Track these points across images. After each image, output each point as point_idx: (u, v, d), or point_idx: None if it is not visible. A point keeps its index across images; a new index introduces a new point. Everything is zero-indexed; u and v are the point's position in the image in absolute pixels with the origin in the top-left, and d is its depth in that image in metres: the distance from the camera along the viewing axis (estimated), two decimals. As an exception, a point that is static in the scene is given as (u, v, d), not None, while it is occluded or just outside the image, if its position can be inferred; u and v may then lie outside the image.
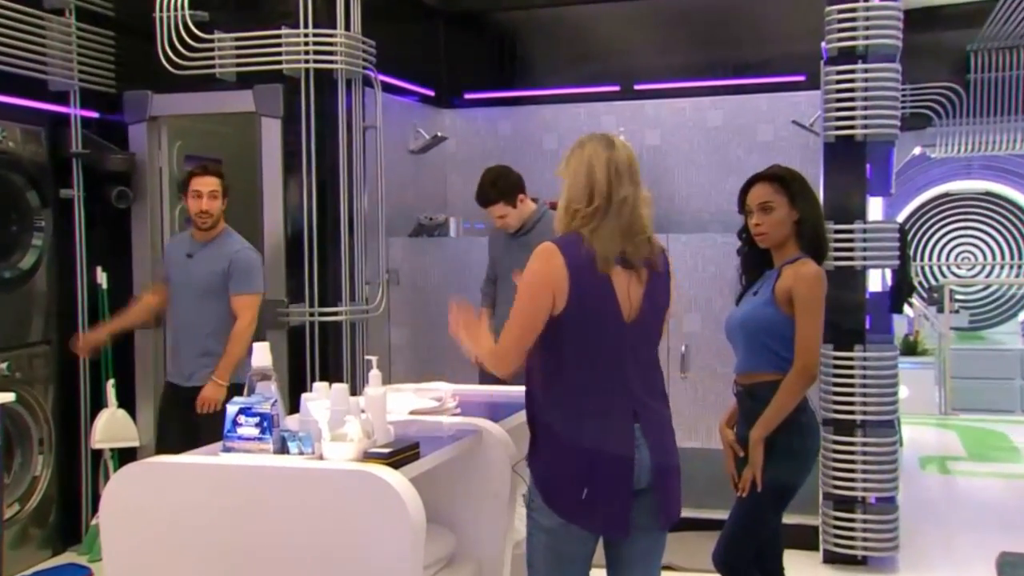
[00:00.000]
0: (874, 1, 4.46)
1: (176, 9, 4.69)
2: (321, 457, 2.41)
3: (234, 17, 4.81)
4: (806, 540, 4.76)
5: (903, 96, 4.89)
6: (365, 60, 4.85)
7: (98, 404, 4.87)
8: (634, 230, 2.51)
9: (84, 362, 4.90)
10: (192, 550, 2.40)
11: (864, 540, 4.56)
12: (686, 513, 2.70)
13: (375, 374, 2.67)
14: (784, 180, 3.10)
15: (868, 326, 4.58)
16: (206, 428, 4.16)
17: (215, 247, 4.28)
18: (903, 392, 4.87)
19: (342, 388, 2.56)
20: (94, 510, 4.81)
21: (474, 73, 6.26)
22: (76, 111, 4.88)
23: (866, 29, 4.47)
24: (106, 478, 4.76)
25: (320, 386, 2.62)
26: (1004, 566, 3.34)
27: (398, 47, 5.42)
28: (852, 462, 4.54)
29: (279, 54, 4.69)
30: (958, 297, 11.10)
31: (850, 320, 4.58)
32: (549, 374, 2.51)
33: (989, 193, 11.26)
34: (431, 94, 6.04)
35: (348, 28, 4.74)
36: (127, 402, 4.89)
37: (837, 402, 4.56)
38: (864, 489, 4.55)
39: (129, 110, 5.06)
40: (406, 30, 5.92)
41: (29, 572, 4.16)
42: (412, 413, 3.00)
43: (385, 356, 5.32)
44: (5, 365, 4.47)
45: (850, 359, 4.53)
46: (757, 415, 3.04)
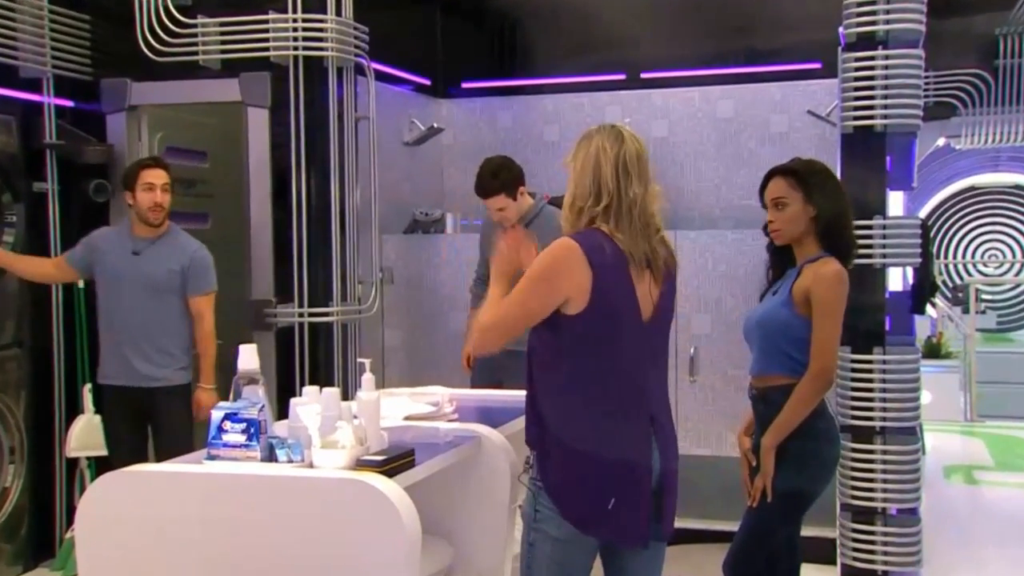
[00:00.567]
0: (896, -17, 4.47)
1: (157, -8, 4.70)
2: (311, 465, 2.42)
3: (219, 1, 4.81)
4: (823, 553, 4.76)
5: (926, 84, 4.90)
6: (357, 47, 4.86)
7: (74, 410, 4.87)
8: (651, 229, 2.54)
9: (59, 366, 4.91)
10: (175, 564, 2.40)
11: (884, 554, 4.55)
12: (693, 524, 2.72)
13: (368, 377, 2.67)
14: (798, 174, 3.11)
15: (888, 328, 4.58)
16: (166, 428, 4.22)
17: (166, 244, 4.30)
18: (926, 397, 4.87)
19: (333, 392, 2.57)
20: (69, 522, 4.81)
21: (472, 61, 6.27)
22: (50, 99, 4.88)
23: (887, 13, 4.46)
24: (82, 489, 4.76)
25: (310, 390, 2.63)
26: None
27: (392, 33, 5.43)
28: (871, 471, 4.54)
29: (266, 40, 4.68)
30: (984, 297, 11.13)
31: (869, 321, 4.57)
32: (566, 378, 2.52)
33: (1018, 187, 11.28)
34: (427, 83, 6.05)
35: (340, 13, 4.74)
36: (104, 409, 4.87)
37: (855, 408, 4.55)
38: (884, 500, 4.54)
39: (107, 99, 5.06)
40: (401, 16, 5.93)
41: (0, 588, 4.16)
42: (407, 419, 3.01)
43: (379, 359, 5.33)
44: (-26, 369, 4.48)
45: (869, 362, 4.53)
46: (770, 420, 3.06)
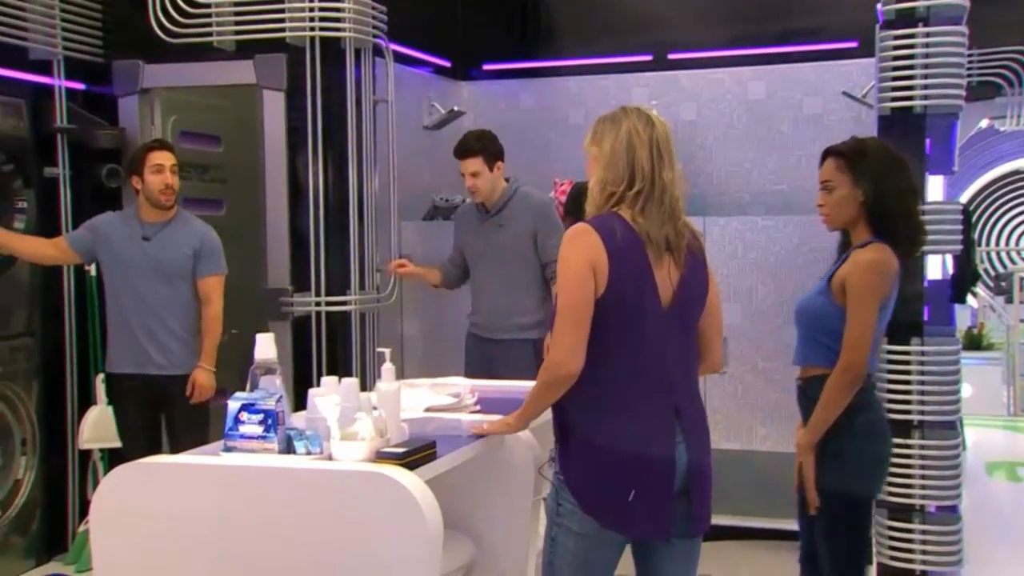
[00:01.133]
0: (937, -43, 4.43)
1: (170, -29, 4.72)
2: (330, 457, 2.43)
3: (233, -20, 4.83)
4: (858, 552, 4.76)
5: (969, 62, 4.84)
6: (376, 28, 4.86)
7: (86, 401, 4.91)
8: (676, 213, 2.56)
9: (71, 356, 4.95)
10: (191, 558, 2.42)
11: (923, 553, 4.53)
12: (725, 521, 2.73)
13: (388, 367, 2.68)
14: (846, 157, 3.07)
15: (927, 318, 4.55)
16: (181, 418, 4.25)
17: (178, 228, 4.34)
18: (966, 391, 4.85)
19: (352, 383, 2.58)
20: (82, 516, 4.87)
21: (493, 42, 6.26)
22: (60, 82, 4.91)
23: (928, -12, 4.43)
24: (95, 481, 4.81)
25: (329, 381, 2.64)
26: None
27: (412, 14, 5.42)
28: (909, 467, 4.52)
29: (282, 21, 4.69)
30: (1028, 286, 11.01)
31: (907, 311, 4.53)
32: (585, 368, 2.51)
33: (1065, 171, 11.15)
34: (447, 65, 6.05)
35: (357, -8, 4.75)
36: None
37: (892, 401, 4.53)
38: (923, 497, 4.53)
39: (118, 81, 5.09)
40: (420, -5, 5.92)
41: (12, 583, 4.22)
42: (428, 410, 3.02)
43: (397, 348, 5.34)
44: (-16, 359, 4.53)
45: (907, 354, 4.50)
46: (811, 414, 3.04)
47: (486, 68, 6.16)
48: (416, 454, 2.45)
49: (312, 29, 4.69)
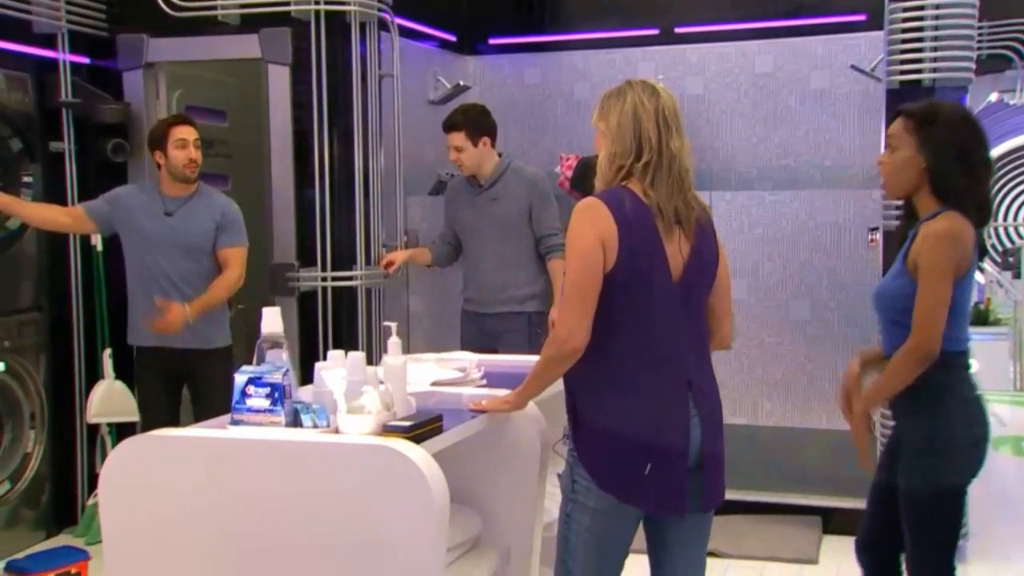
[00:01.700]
0: (946, -73, 4.39)
1: (174, -56, 4.70)
2: (337, 430, 2.44)
3: (237, -47, 4.81)
4: (863, 526, 4.77)
5: (979, 35, 4.81)
6: (381, 1, 4.83)
7: (94, 375, 4.93)
8: (685, 184, 2.55)
9: (78, 331, 4.97)
10: (199, 530, 2.43)
11: (927, 527, 4.55)
12: (730, 495, 2.72)
13: (394, 341, 2.68)
14: (916, 118, 2.83)
15: (934, 293, 4.55)
16: (206, 391, 4.25)
17: (200, 202, 4.33)
18: (973, 366, 4.82)
19: (359, 357, 2.57)
20: (91, 489, 4.90)
21: (499, 16, 6.22)
22: (64, 56, 4.89)
23: (937, -40, 4.40)
24: (103, 455, 4.84)
25: (335, 354, 2.64)
26: None
27: (417, -13, 5.39)
28: (915, 442, 4.53)
29: (287, -7, 4.67)
30: (1035, 262, 10.96)
31: (914, 286, 4.55)
32: (596, 343, 2.51)
33: (1076, 146, 11.07)
34: (452, 39, 6.02)
35: (362, -35, 4.72)
36: (125, 373, 4.91)
37: (899, 376, 4.54)
38: (928, 471, 4.53)
39: (123, 55, 5.06)
40: (425, -32, 5.88)
41: (22, 555, 4.23)
42: (434, 384, 3.03)
43: (403, 324, 5.34)
44: (-7, 333, 4.54)
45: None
46: (902, 404, 2.87)
47: (492, 42, 6.13)
48: (422, 428, 2.44)
49: (317, 3, 4.67)
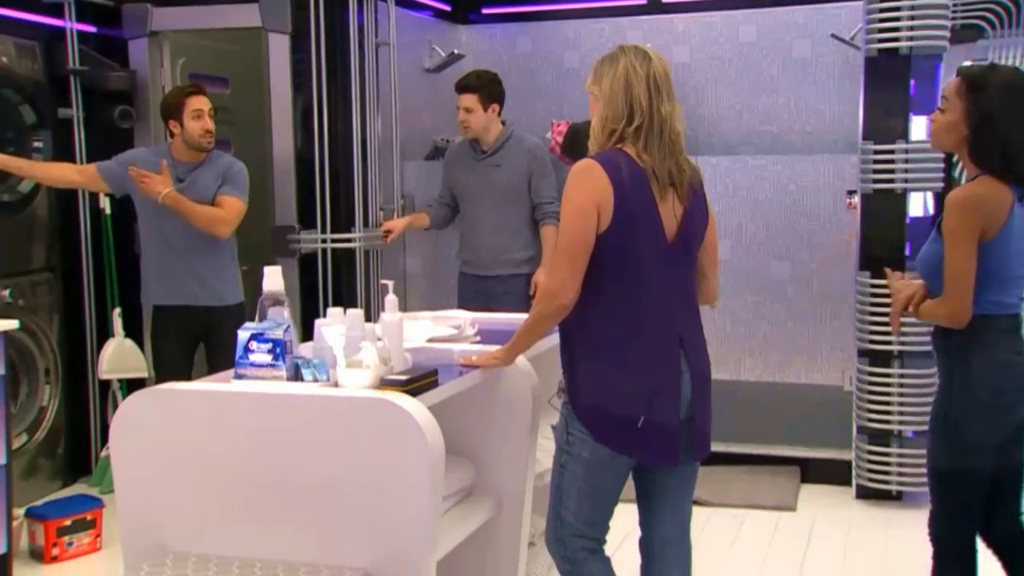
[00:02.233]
0: (923, -98, 4.33)
1: (176, -84, 4.63)
2: (336, 384, 2.42)
3: (238, -77, 4.73)
4: (838, 475, 4.79)
5: (953, 5, 4.76)
6: (377, -29, 4.78)
7: (104, 334, 4.92)
8: (677, 147, 2.52)
9: (89, 290, 4.94)
10: (205, 479, 2.42)
11: (899, 475, 4.58)
12: (715, 447, 2.71)
13: (391, 299, 2.67)
14: (968, 80, 2.67)
15: (908, 253, 4.54)
16: (222, 346, 4.17)
17: (210, 167, 4.25)
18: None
19: (357, 314, 2.57)
20: (104, 441, 4.89)
21: (492, -14, 6.15)
22: (72, 25, 4.82)
23: (914, -67, 4.34)
24: (115, 408, 4.82)
25: (335, 312, 2.62)
26: None
27: (412, -43, 5.32)
28: (888, 394, 4.55)
29: (286, -36, 4.62)
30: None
31: (889, 247, 4.54)
32: (592, 300, 2.50)
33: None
34: (447, 9, 5.94)
35: (359, -64, 4.65)
36: (134, 332, 4.91)
37: (873, 331, 4.54)
38: (900, 422, 4.56)
39: (128, 24, 5.00)
40: (420, -62, 5.80)
41: (40, 503, 4.24)
42: (430, 341, 3.01)
43: (400, 284, 5.32)
44: (7, 292, 4.50)
45: (887, 287, 4.49)
46: (948, 354, 2.76)
47: (485, 12, 6.05)
48: (418, 382, 2.44)
49: (316, -27, 4.61)
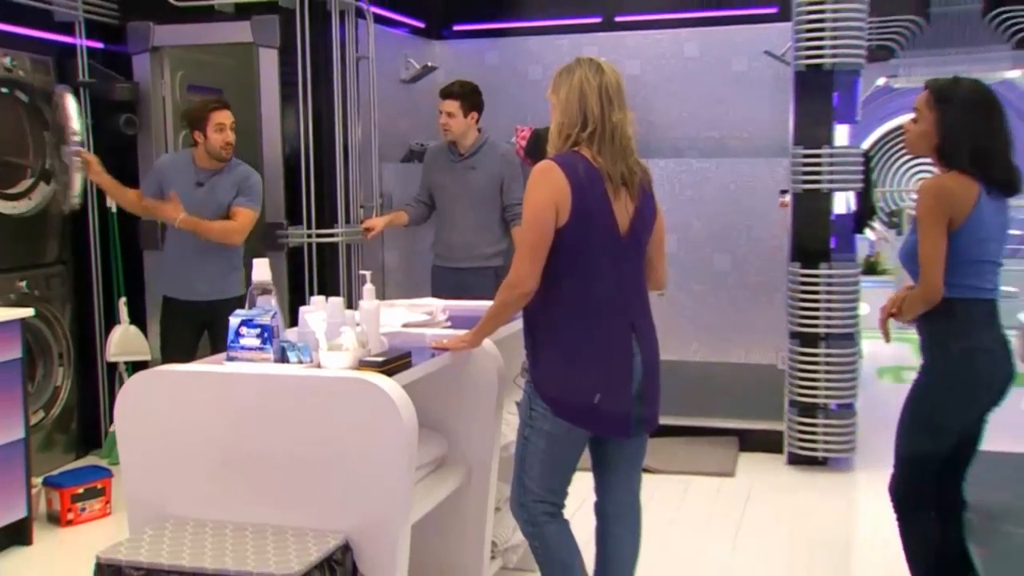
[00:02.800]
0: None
1: (175, -59, 4.55)
2: (319, 365, 2.41)
3: (231, -52, 4.67)
4: (772, 444, 4.83)
5: (869, 28, 4.80)
6: (358, -9, 4.73)
7: (111, 320, 4.85)
8: (628, 151, 2.51)
9: (98, 281, 4.88)
10: (200, 452, 2.41)
11: (825, 443, 4.62)
12: (663, 420, 2.71)
13: (369, 288, 2.65)
14: (936, 94, 2.58)
15: (833, 245, 4.58)
16: (222, 336, 4.13)
17: (228, 175, 4.17)
18: (864, 308, 4.87)
19: (338, 301, 2.55)
20: (111, 418, 4.83)
21: (463, 5, 6.10)
22: (82, 41, 4.75)
23: (837, -38, 4.36)
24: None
25: (317, 300, 2.60)
26: None
27: (390, -21, 5.27)
28: (815, 372, 4.58)
29: (275, -15, 4.55)
30: (916, 221, 11.05)
31: (816, 240, 4.57)
32: (553, 290, 2.49)
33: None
34: (422, 26, 5.90)
35: (341, -41, 4.60)
36: (138, 319, 4.87)
37: (803, 316, 4.58)
38: (826, 397, 4.60)
39: (132, 41, 4.93)
40: (397, -38, 5.75)
41: (56, 473, 4.21)
42: (405, 326, 2.99)
43: (379, 277, 5.29)
44: (24, 284, 4.45)
45: (815, 276, 4.53)
46: (932, 337, 2.67)
47: (456, 28, 6.02)
48: (394, 362, 2.43)
49: (302, -7, 4.56)
